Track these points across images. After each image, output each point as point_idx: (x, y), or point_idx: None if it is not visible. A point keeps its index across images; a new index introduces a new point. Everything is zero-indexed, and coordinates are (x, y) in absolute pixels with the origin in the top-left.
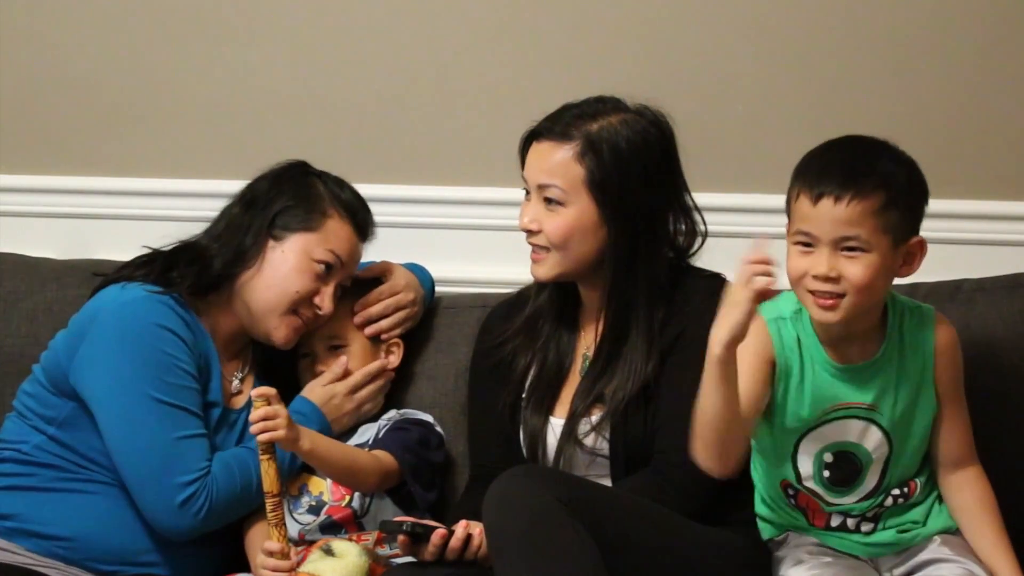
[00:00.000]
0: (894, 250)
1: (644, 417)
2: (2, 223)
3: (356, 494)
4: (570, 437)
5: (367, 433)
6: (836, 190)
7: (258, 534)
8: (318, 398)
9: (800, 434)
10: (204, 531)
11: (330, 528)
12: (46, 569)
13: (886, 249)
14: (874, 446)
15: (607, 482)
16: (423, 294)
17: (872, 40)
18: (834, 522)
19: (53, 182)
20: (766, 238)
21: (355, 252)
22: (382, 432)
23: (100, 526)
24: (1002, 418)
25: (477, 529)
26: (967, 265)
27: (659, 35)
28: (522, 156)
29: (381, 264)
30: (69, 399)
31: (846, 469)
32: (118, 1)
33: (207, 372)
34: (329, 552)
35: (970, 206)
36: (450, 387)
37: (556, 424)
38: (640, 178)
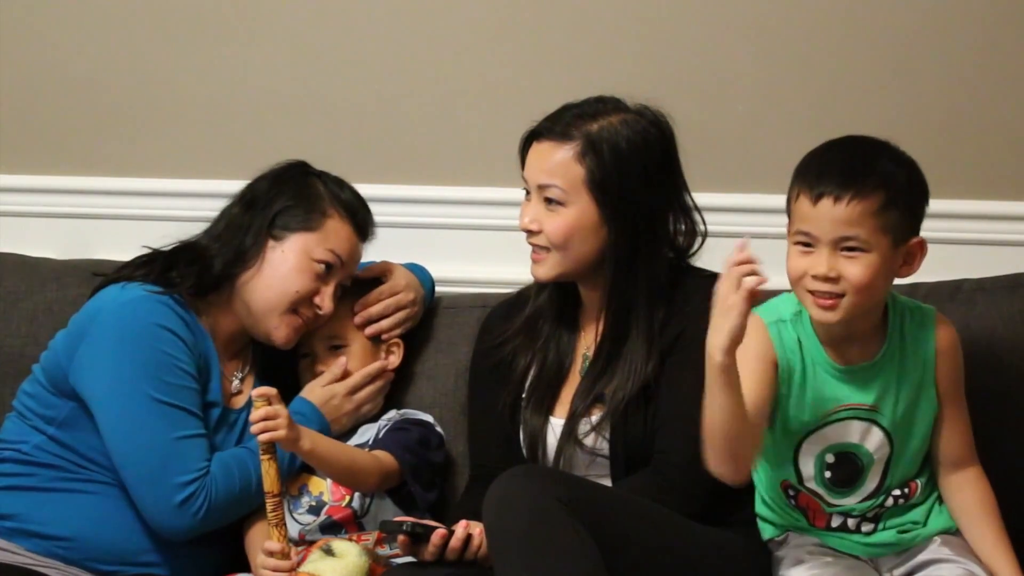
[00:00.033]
0: (894, 250)
1: (644, 417)
2: (2, 223)
3: (356, 494)
4: (570, 437)
5: (367, 433)
6: (836, 190)
7: (258, 534)
8: (317, 398)
9: (801, 436)
10: (203, 531)
11: (330, 528)
12: (46, 569)
13: (886, 249)
14: (875, 447)
15: (607, 482)
16: (423, 294)
17: (872, 40)
18: (834, 522)
19: (53, 182)
20: (747, 238)
21: (355, 252)
22: (382, 432)
23: (100, 526)
24: (1002, 418)
25: (477, 529)
26: (967, 265)
27: (659, 35)
28: (522, 156)
29: (381, 264)
30: (69, 399)
31: (848, 470)
32: (118, 1)
33: (207, 372)
34: (329, 552)
35: (970, 206)
36: (450, 387)
37: (556, 424)
38: (640, 178)
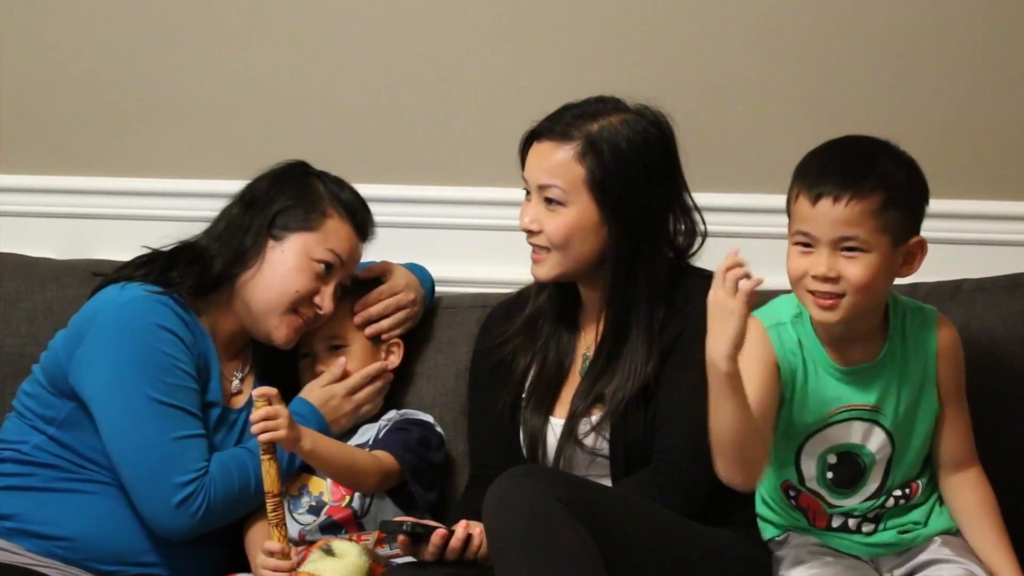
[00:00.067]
0: (894, 250)
1: (644, 417)
2: (2, 223)
3: (356, 494)
4: (570, 437)
5: (367, 433)
6: (835, 190)
7: (258, 534)
8: (316, 399)
9: (804, 438)
10: (201, 531)
11: (330, 528)
12: (46, 569)
13: (886, 249)
14: (877, 447)
15: (607, 482)
16: (423, 294)
17: (872, 40)
18: (835, 523)
19: (53, 182)
20: (736, 248)
21: (355, 252)
22: (382, 432)
23: (100, 526)
24: (1002, 418)
25: (477, 529)
26: (967, 265)
27: (659, 35)
28: (522, 156)
29: (381, 264)
30: (68, 399)
31: (849, 470)
32: (118, 1)
33: (206, 372)
34: (329, 552)
35: (970, 206)
36: (450, 387)
37: (556, 424)
38: (641, 178)
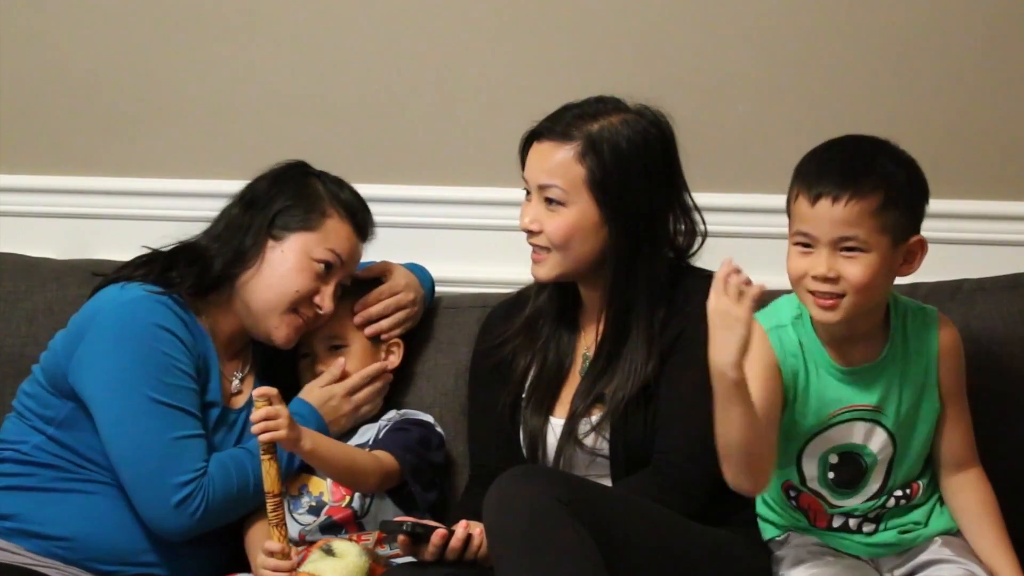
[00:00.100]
0: (894, 249)
1: (644, 417)
2: (2, 223)
3: (356, 494)
4: (570, 437)
5: (367, 433)
6: (834, 190)
7: (258, 534)
8: (316, 399)
9: (806, 439)
10: (200, 531)
11: (330, 528)
12: (46, 569)
13: (885, 249)
14: (879, 447)
15: (607, 482)
16: (423, 294)
17: (872, 40)
18: (836, 523)
19: (53, 182)
20: (729, 258)
21: (355, 251)
22: (382, 432)
23: (100, 526)
24: (1002, 418)
25: (477, 529)
26: (967, 265)
27: (659, 35)
28: (522, 156)
29: (381, 264)
30: (68, 399)
31: (851, 470)
32: (118, 1)
33: (206, 372)
34: (329, 552)
35: (970, 206)
36: (450, 387)
37: (556, 424)
38: (641, 178)
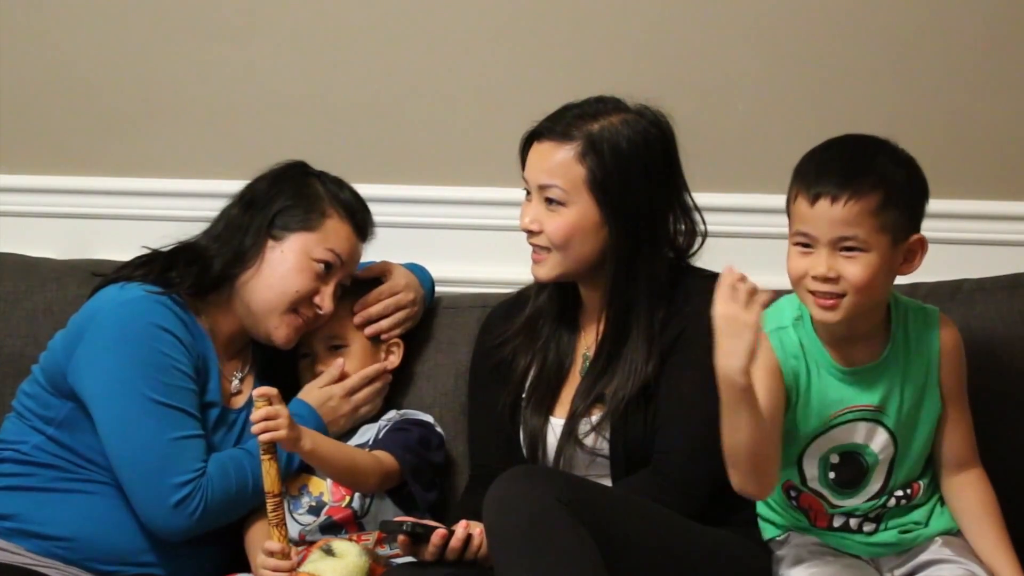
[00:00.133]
0: (893, 248)
1: (644, 417)
2: (2, 223)
3: (356, 494)
4: (570, 437)
5: (367, 434)
6: (833, 190)
7: (258, 534)
8: (315, 400)
9: (808, 441)
10: (199, 532)
11: (330, 528)
12: (46, 569)
13: (885, 248)
14: (880, 447)
15: (607, 482)
16: (423, 294)
17: (872, 40)
18: (836, 523)
19: (53, 182)
20: (730, 266)
21: (355, 252)
22: (382, 432)
23: (99, 526)
24: (1002, 418)
25: (477, 529)
26: (967, 265)
27: (659, 35)
28: (523, 156)
29: (381, 264)
30: (68, 399)
31: (852, 470)
32: (118, 1)
33: (205, 373)
34: (329, 552)
35: (970, 206)
36: (450, 387)
37: (556, 424)
38: (641, 178)
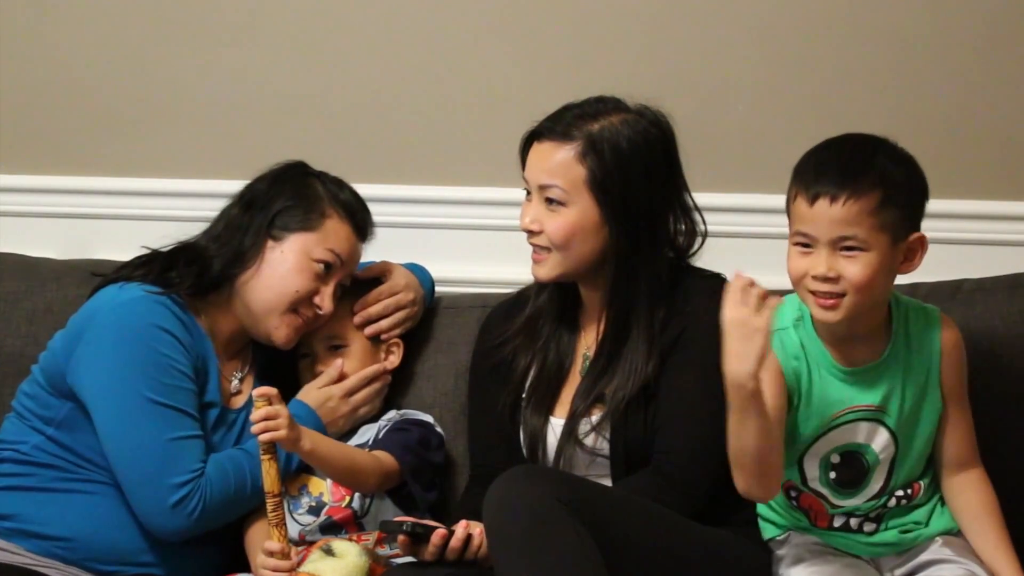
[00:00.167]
0: (893, 247)
1: (644, 417)
2: (2, 223)
3: (356, 495)
4: (570, 437)
5: (367, 434)
6: (832, 190)
7: (258, 534)
8: (313, 401)
9: (809, 442)
10: (197, 532)
11: (330, 529)
12: (45, 569)
13: (885, 247)
14: (881, 447)
15: (607, 482)
16: (423, 294)
17: (872, 40)
18: (837, 523)
19: (53, 182)
20: (739, 271)
21: (354, 252)
22: (382, 432)
23: (99, 526)
24: (1002, 418)
25: (477, 529)
26: (967, 265)
27: (659, 35)
28: (523, 156)
29: (381, 264)
30: (67, 399)
31: (853, 470)
32: (118, 1)
33: (204, 373)
34: (329, 552)
35: (970, 206)
36: (450, 387)
37: (556, 424)
38: (641, 178)
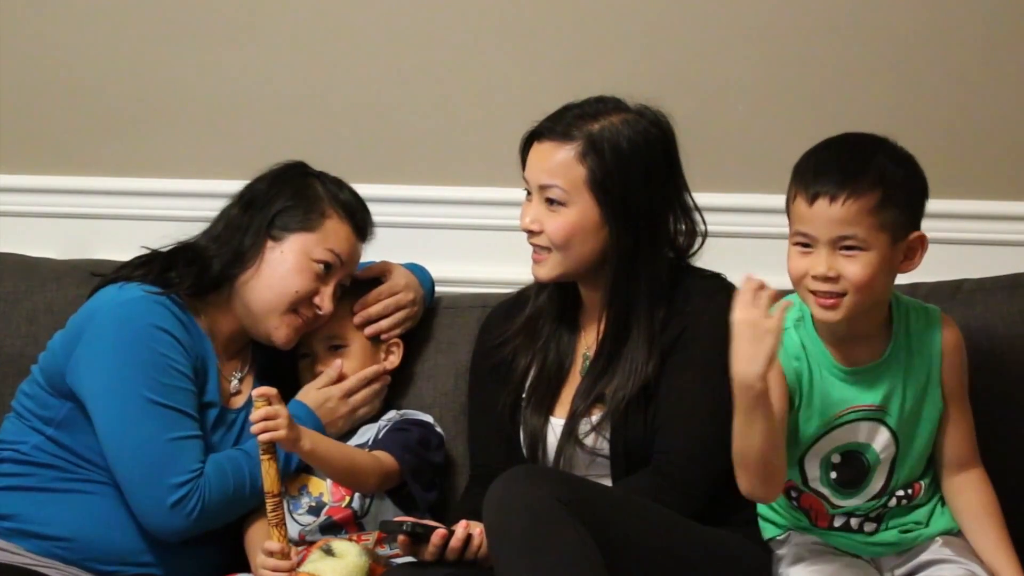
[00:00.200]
0: (893, 246)
1: (644, 417)
2: (2, 223)
3: (356, 495)
4: (570, 437)
5: (367, 434)
6: (831, 190)
7: (258, 534)
8: (312, 401)
9: (811, 442)
10: (196, 532)
11: (330, 529)
12: (45, 569)
13: (885, 246)
14: (882, 446)
15: (607, 482)
16: (423, 294)
17: (872, 40)
18: (837, 523)
19: (53, 182)
20: (749, 274)
21: (354, 252)
22: (382, 432)
23: (99, 526)
24: (1002, 418)
25: (477, 529)
26: (967, 265)
27: (659, 35)
28: (523, 156)
29: (381, 264)
30: (67, 399)
31: (854, 470)
32: (118, 1)
33: (204, 373)
34: (329, 552)
35: (970, 206)
36: (450, 387)
37: (556, 424)
38: (641, 178)
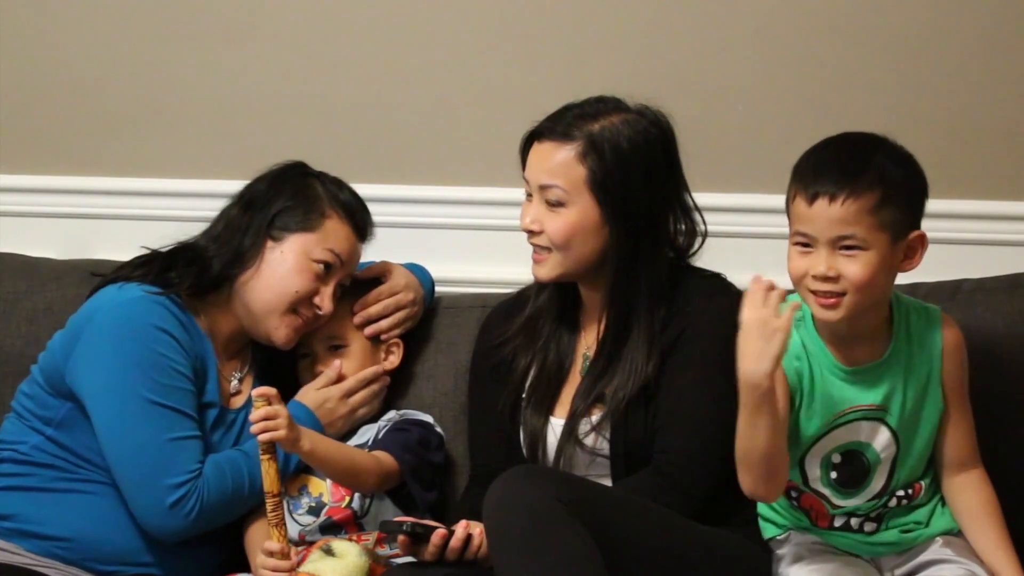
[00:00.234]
0: (893, 246)
1: (645, 417)
2: (2, 223)
3: (356, 495)
4: (570, 437)
5: (367, 434)
6: (831, 189)
7: (258, 534)
8: (312, 402)
9: (812, 442)
10: (195, 533)
11: (330, 529)
12: (45, 569)
13: (884, 246)
14: (882, 446)
15: (607, 482)
16: (423, 294)
17: (872, 40)
18: (837, 523)
19: (53, 182)
20: (758, 274)
21: (354, 252)
22: (382, 433)
23: (99, 526)
24: (1002, 418)
25: (477, 529)
26: (967, 265)
27: (659, 35)
28: (523, 156)
29: (381, 264)
30: (66, 400)
31: (854, 470)
32: (118, 1)
33: (203, 373)
34: (329, 552)
35: (970, 206)
36: (450, 387)
37: (556, 424)
38: (642, 178)
